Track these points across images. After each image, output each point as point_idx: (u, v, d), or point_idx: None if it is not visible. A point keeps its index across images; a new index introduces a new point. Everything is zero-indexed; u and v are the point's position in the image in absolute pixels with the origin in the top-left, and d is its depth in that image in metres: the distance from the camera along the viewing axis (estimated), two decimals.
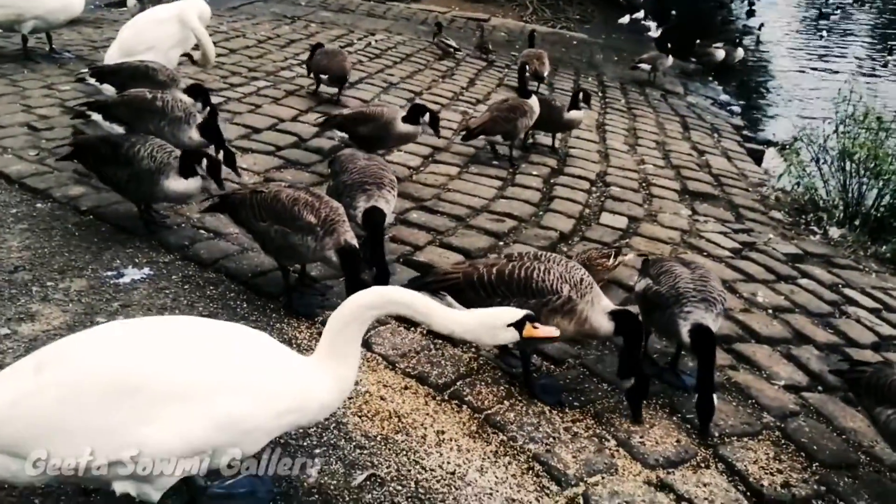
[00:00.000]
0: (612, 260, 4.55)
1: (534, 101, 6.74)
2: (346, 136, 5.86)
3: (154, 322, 2.49)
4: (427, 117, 5.74)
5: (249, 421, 2.34)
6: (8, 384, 2.27)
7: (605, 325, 3.41)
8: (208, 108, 5.44)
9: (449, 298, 3.58)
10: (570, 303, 3.38)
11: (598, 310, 3.41)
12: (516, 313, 2.60)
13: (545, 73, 9.74)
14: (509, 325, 2.59)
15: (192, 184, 4.33)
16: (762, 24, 19.48)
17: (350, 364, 2.53)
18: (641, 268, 4.03)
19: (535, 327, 2.63)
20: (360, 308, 2.50)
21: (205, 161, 4.32)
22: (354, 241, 3.83)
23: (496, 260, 3.61)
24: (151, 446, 2.20)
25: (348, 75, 7.74)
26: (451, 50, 10.97)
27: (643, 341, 3.53)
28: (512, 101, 6.81)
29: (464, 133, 6.79)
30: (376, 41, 11.06)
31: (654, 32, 16.80)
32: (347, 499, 2.81)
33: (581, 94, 7.14)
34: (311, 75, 7.83)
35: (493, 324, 2.59)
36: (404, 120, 5.73)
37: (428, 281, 3.63)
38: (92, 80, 5.97)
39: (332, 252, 3.79)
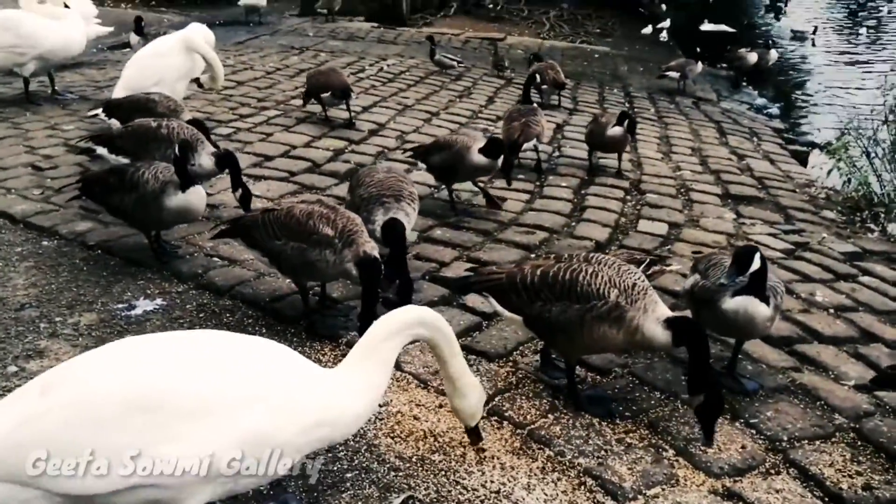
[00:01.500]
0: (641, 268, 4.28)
1: (536, 106, 7.04)
2: (423, 166, 5.82)
3: (169, 336, 2.44)
4: (500, 162, 5.54)
5: (278, 437, 2.27)
6: (12, 408, 2.23)
7: (659, 335, 3.19)
8: (241, 191, 5.41)
9: (492, 300, 3.54)
10: (618, 310, 3.20)
11: (653, 318, 3.20)
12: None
13: (564, 80, 9.78)
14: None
15: (192, 196, 4.36)
16: (816, 28, 19.32)
17: (383, 373, 2.49)
18: (692, 267, 3.93)
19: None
20: (408, 323, 2.53)
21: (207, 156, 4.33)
22: (376, 252, 3.79)
23: (543, 261, 3.52)
24: (172, 467, 2.13)
25: (350, 88, 7.82)
26: (454, 65, 11.06)
27: (707, 351, 3.21)
28: (521, 108, 6.88)
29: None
30: (388, 66, 11.19)
31: (664, 35, 16.82)
32: None
33: (626, 121, 6.81)
34: (312, 101, 7.91)
35: (475, 398, 2.84)
36: (481, 151, 5.50)
37: (472, 280, 3.62)
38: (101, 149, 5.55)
39: (351, 265, 3.75)
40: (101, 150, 5.28)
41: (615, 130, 6.82)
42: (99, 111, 6.33)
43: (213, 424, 2.17)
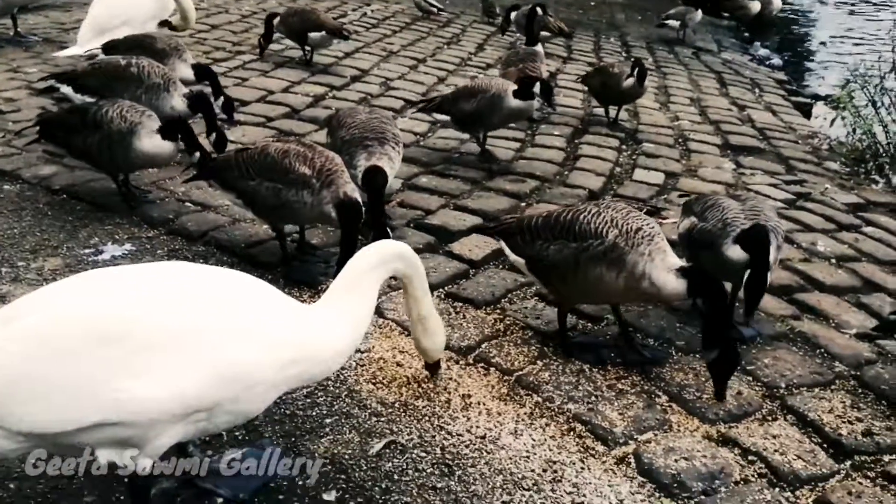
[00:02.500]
0: None
1: (540, 48, 6.85)
2: (447, 118, 5.64)
3: (138, 268, 2.39)
4: (538, 87, 5.37)
5: (254, 372, 2.22)
6: None
7: (671, 282, 3.10)
8: (222, 98, 5.44)
9: (502, 243, 3.58)
10: (615, 251, 3.13)
11: (662, 266, 3.11)
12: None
13: (567, 29, 9.68)
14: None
15: (168, 144, 4.28)
16: None
17: (365, 307, 2.46)
18: (683, 208, 3.90)
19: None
20: (387, 256, 2.54)
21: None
22: (356, 195, 3.73)
23: (560, 209, 3.48)
24: (140, 402, 2.06)
25: (346, 30, 7.73)
26: (434, 10, 10.89)
27: (725, 304, 3.17)
28: (521, 50, 6.76)
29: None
30: (372, 11, 11.02)
31: None
32: (365, 467, 2.72)
33: (637, 70, 6.61)
34: (274, 40, 7.87)
35: (441, 336, 2.97)
36: (515, 94, 5.35)
37: (489, 225, 3.76)
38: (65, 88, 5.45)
39: (330, 207, 3.69)
40: (66, 89, 5.18)
41: (631, 82, 6.61)
42: (78, 50, 6.22)
43: (184, 358, 2.11)
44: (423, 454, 2.80)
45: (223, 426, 2.32)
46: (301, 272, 3.97)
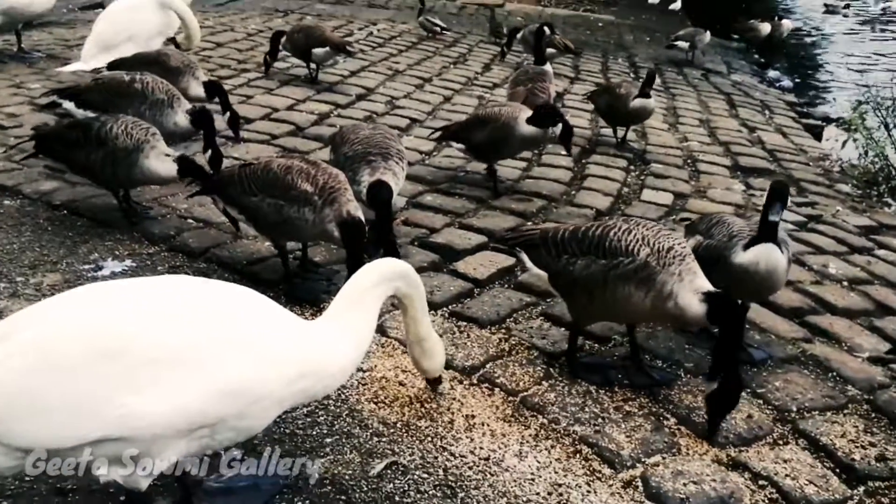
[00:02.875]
0: None
1: (549, 67, 6.89)
2: (461, 146, 5.59)
3: (139, 281, 2.38)
4: (559, 129, 5.22)
5: (259, 387, 2.21)
6: None
7: (693, 306, 3.04)
8: (229, 113, 5.53)
9: (523, 255, 3.56)
10: (646, 270, 3.09)
11: (689, 288, 3.07)
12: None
13: (573, 46, 9.75)
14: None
15: (175, 166, 4.29)
16: (848, 4, 19.17)
17: (368, 324, 2.48)
18: (686, 230, 3.89)
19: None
20: (390, 275, 2.57)
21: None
22: (359, 213, 3.74)
23: (585, 223, 3.48)
24: (142, 418, 2.05)
25: (350, 45, 7.80)
26: (438, 30, 10.97)
27: (741, 336, 3.17)
28: (530, 69, 6.79)
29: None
30: (378, 30, 11.12)
31: (677, 4, 16.66)
32: (366, 489, 2.69)
33: (646, 78, 6.61)
34: (281, 59, 7.95)
35: (441, 356, 3.02)
36: (529, 121, 5.26)
37: (508, 236, 3.69)
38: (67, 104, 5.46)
39: (332, 225, 3.69)
40: (68, 105, 5.20)
41: (638, 103, 6.59)
42: (81, 66, 6.32)
43: (186, 373, 2.11)
44: (425, 475, 2.78)
45: (226, 443, 2.31)
46: (303, 290, 3.97)
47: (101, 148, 4.27)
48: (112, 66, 6.05)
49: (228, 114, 5.46)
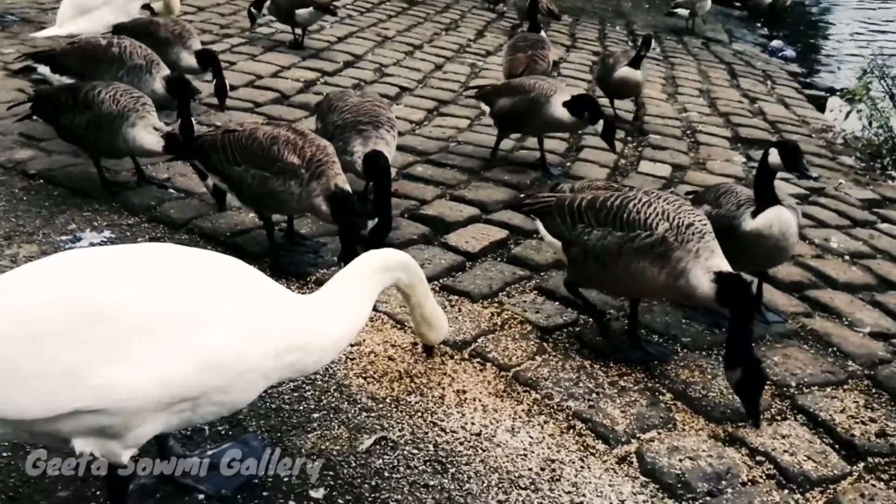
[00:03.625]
0: None
1: (544, 35, 6.93)
2: (487, 109, 5.53)
3: (122, 248, 2.37)
4: (600, 125, 5.10)
5: (245, 359, 2.20)
6: None
7: (703, 286, 3.04)
8: (216, 81, 5.57)
9: (538, 223, 3.58)
10: (663, 245, 3.08)
11: (703, 266, 3.06)
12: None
13: (557, 11, 9.69)
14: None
15: (162, 142, 4.27)
16: None
17: (366, 302, 2.51)
18: (693, 200, 3.90)
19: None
20: (393, 264, 2.66)
21: None
22: (347, 186, 3.73)
23: (603, 191, 3.45)
24: (123, 389, 2.03)
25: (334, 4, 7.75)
26: None
27: (752, 319, 3.14)
28: (528, 36, 6.75)
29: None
30: None
31: None
32: (354, 464, 2.71)
33: (641, 44, 6.52)
34: (262, 17, 7.92)
35: (445, 324, 3.14)
36: (566, 105, 5.08)
37: (524, 202, 3.70)
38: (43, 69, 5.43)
39: (320, 199, 3.68)
40: (43, 70, 5.15)
41: (624, 72, 6.52)
42: (57, 31, 6.24)
43: (169, 343, 2.08)
44: (415, 451, 2.80)
45: (209, 417, 2.30)
46: (289, 262, 3.96)
47: (87, 111, 4.25)
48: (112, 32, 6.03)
49: (216, 81, 5.50)
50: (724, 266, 3.09)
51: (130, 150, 4.40)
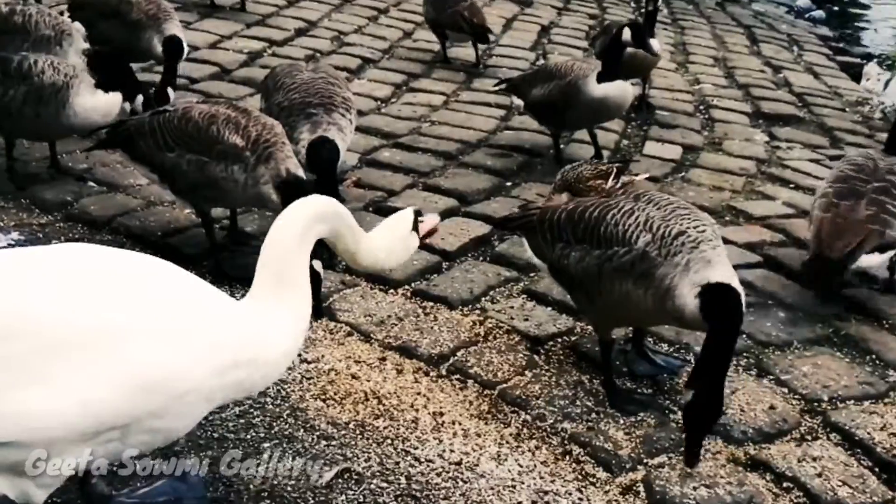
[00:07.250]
0: (612, 181, 4.09)
1: None
2: (521, 103, 5.55)
3: (32, 251, 2.37)
4: (627, 33, 5.20)
5: (182, 380, 2.21)
6: None
7: (689, 304, 2.91)
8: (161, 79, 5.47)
9: (524, 241, 3.59)
10: (644, 263, 2.99)
11: (690, 280, 2.93)
12: (409, 213, 2.69)
13: None
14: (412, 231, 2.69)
15: (114, 98, 4.36)
16: None
17: (304, 299, 2.46)
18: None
19: (421, 222, 2.72)
20: (306, 220, 2.41)
21: None
22: (300, 171, 3.75)
23: (595, 197, 3.44)
24: (35, 417, 2.04)
25: None
26: None
27: (736, 336, 2.97)
28: None
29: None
30: None
31: None
32: (312, 501, 2.73)
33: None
34: None
35: (403, 234, 2.68)
36: (599, 78, 5.14)
37: (506, 217, 3.76)
38: None
39: (269, 187, 3.70)
40: None
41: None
42: None
43: (91, 361, 2.10)
44: (384, 484, 2.82)
45: (141, 448, 2.31)
46: (232, 265, 3.98)
47: (24, 83, 4.28)
48: (71, 8, 6.02)
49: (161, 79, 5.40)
50: (718, 277, 2.95)
51: (83, 121, 4.39)
